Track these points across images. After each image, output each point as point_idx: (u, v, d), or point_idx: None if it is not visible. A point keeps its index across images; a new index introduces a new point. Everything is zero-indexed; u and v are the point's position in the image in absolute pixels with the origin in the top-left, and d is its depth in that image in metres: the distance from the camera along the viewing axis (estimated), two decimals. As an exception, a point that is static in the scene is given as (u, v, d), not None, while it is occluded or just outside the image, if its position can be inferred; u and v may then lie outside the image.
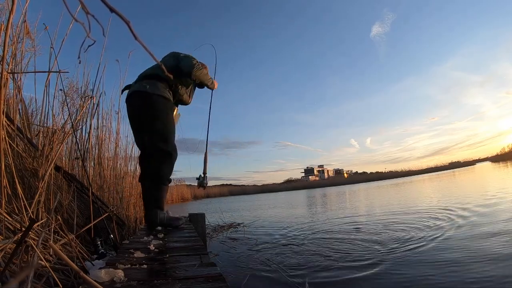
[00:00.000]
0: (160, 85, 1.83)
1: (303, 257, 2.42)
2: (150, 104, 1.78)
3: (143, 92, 1.78)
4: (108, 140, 2.69)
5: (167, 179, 1.86)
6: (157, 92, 1.79)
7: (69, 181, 1.66)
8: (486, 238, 2.28)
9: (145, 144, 1.83)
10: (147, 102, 1.78)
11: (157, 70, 1.88)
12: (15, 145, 1.25)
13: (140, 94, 1.79)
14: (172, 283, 0.69)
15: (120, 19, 0.27)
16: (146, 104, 1.78)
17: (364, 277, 1.82)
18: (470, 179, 11.55)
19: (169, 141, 1.84)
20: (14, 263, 0.74)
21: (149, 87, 1.78)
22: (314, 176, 61.05)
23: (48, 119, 1.88)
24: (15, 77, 1.49)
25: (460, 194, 6.15)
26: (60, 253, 0.49)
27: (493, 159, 55.95)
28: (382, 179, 36.12)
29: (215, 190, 35.25)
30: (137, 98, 1.82)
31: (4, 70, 0.92)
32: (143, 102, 1.79)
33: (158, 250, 1.11)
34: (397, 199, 6.95)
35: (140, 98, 1.80)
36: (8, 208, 0.94)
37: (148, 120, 1.80)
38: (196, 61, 1.94)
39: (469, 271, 1.66)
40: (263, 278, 1.99)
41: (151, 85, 1.79)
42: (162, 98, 1.81)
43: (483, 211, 3.49)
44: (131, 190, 2.66)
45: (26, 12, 1.55)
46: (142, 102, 1.80)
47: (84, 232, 1.34)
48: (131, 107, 1.87)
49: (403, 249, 2.32)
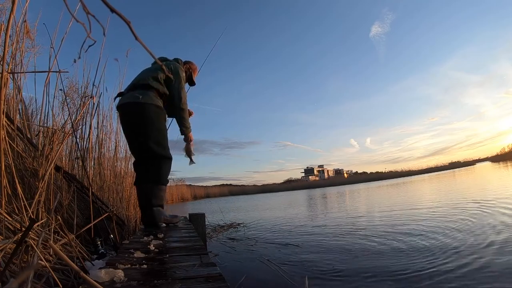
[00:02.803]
0: (152, 94, 1.89)
1: (303, 257, 2.43)
2: (143, 113, 1.84)
3: (136, 102, 1.84)
4: (108, 140, 2.69)
5: (166, 180, 1.94)
6: (149, 101, 1.86)
7: (69, 181, 1.66)
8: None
9: (142, 150, 1.90)
10: (140, 111, 1.84)
11: (148, 80, 1.93)
12: (15, 145, 1.25)
13: (133, 105, 1.85)
14: (172, 283, 0.69)
15: (120, 19, 0.27)
16: (139, 114, 1.85)
17: (364, 277, 1.82)
18: (483, 178, 11.51)
19: (166, 147, 1.95)
20: (14, 263, 0.74)
21: (142, 97, 1.85)
22: (314, 176, 61.08)
23: (48, 119, 1.88)
24: (15, 77, 1.49)
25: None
26: (60, 253, 0.49)
27: (493, 159, 55.98)
28: (382, 179, 36.14)
29: (215, 190, 35.28)
30: (130, 108, 1.88)
31: (4, 70, 0.92)
32: (136, 111, 1.85)
33: (158, 250, 1.11)
34: (396, 199, 6.95)
35: (133, 108, 1.86)
36: (8, 208, 0.94)
37: (142, 128, 1.86)
38: (185, 99, 2.04)
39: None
40: (263, 278, 1.99)
41: (143, 95, 1.86)
42: (154, 107, 1.87)
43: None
44: (131, 190, 2.65)
45: (26, 12, 1.55)
46: (135, 112, 1.86)
47: (84, 232, 1.34)
48: (125, 116, 1.93)
49: (408, 250, 2.32)
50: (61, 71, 1.60)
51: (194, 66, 2.33)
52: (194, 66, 2.33)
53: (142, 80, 1.94)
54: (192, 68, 2.29)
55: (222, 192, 35.04)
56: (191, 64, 2.29)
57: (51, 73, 1.68)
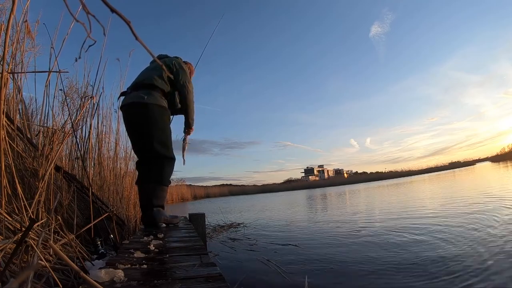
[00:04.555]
0: (157, 94, 1.89)
1: (303, 257, 2.42)
2: (147, 114, 1.84)
3: (141, 103, 1.84)
4: (108, 140, 2.69)
5: (168, 180, 1.94)
6: (153, 102, 1.85)
7: (69, 181, 1.66)
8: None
9: (146, 150, 1.90)
10: (144, 111, 1.84)
11: (152, 79, 1.92)
12: (15, 145, 1.25)
13: (137, 105, 1.85)
14: (172, 283, 0.69)
15: (120, 19, 0.27)
16: (144, 114, 1.84)
17: (364, 276, 1.82)
18: (485, 178, 11.51)
19: (170, 147, 1.95)
20: (14, 263, 0.74)
21: (147, 98, 1.84)
22: (314, 176, 61.08)
23: (48, 119, 1.88)
24: (15, 77, 1.49)
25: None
26: (60, 253, 0.49)
27: (493, 159, 55.99)
28: (382, 179, 36.15)
29: (215, 190, 35.27)
30: (135, 108, 1.87)
31: (4, 70, 0.92)
32: (141, 111, 1.85)
33: (158, 250, 1.11)
34: (395, 199, 6.95)
35: (137, 108, 1.86)
36: (8, 208, 0.94)
37: (147, 128, 1.85)
38: (192, 95, 2.07)
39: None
40: (263, 278, 1.99)
41: (148, 95, 1.85)
42: (158, 107, 1.87)
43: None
44: (131, 190, 2.65)
45: (27, 12, 1.55)
46: (140, 112, 1.85)
47: (84, 232, 1.34)
48: (129, 116, 1.93)
49: (405, 252, 2.32)
50: (61, 71, 1.60)
51: (192, 67, 2.35)
52: (192, 67, 2.34)
53: (146, 80, 1.93)
54: (191, 69, 2.30)
55: (222, 192, 35.03)
56: (190, 65, 2.30)
57: (51, 73, 1.68)
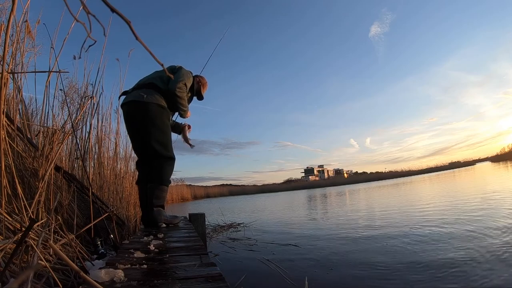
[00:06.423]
0: (156, 94, 1.89)
1: (302, 257, 2.42)
2: (147, 113, 1.84)
3: (140, 101, 1.84)
4: (108, 140, 2.69)
5: (169, 180, 1.94)
6: (153, 101, 1.86)
7: (69, 181, 1.66)
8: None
9: (145, 149, 1.90)
10: (144, 110, 1.84)
11: (153, 79, 1.94)
12: (15, 145, 1.25)
13: (137, 103, 1.85)
14: (172, 283, 0.69)
15: (120, 19, 0.27)
16: (143, 113, 1.85)
17: (364, 276, 1.82)
18: (490, 178, 11.50)
19: (169, 147, 1.94)
20: (14, 263, 0.73)
21: (146, 97, 1.85)
22: (314, 176, 61.08)
23: (48, 119, 1.88)
24: (15, 77, 1.49)
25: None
26: (60, 253, 0.49)
27: (493, 159, 56.00)
28: (382, 179, 36.15)
29: (215, 190, 35.25)
30: (134, 106, 1.88)
31: (4, 70, 0.92)
32: (140, 110, 1.85)
33: (158, 250, 1.11)
34: (396, 199, 6.94)
35: (136, 106, 1.86)
36: (8, 208, 0.94)
37: (145, 127, 1.86)
38: (183, 84, 1.96)
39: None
40: (263, 278, 1.99)
41: (148, 94, 1.85)
42: (157, 106, 1.87)
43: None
44: (131, 190, 2.65)
45: (27, 11, 1.55)
46: (139, 110, 1.86)
47: (84, 232, 1.33)
48: (128, 114, 1.93)
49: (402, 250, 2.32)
50: (61, 71, 1.60)
51: (205, 80, 2.26)
52: (204, 80, 2.25)
53: (148, 80, 1.95)
54: (202, 82, 2.23)
55: (222, 192, 35.01)
56: (201, 78, 2.23)
57: (51, 73, 1.68)
